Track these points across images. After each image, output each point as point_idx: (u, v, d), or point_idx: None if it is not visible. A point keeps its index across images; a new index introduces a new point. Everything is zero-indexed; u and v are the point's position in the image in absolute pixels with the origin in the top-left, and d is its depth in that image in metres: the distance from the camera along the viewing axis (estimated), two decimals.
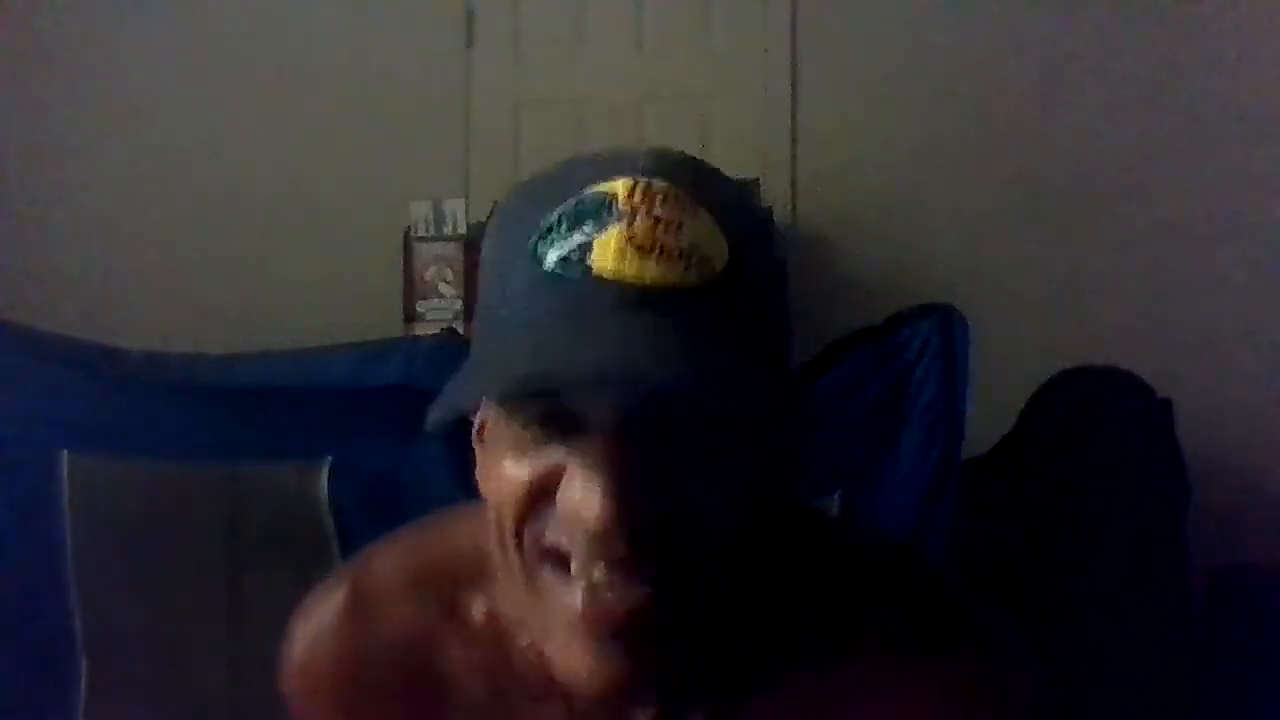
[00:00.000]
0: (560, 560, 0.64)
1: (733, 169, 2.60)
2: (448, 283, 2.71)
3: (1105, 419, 1.99)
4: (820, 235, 3.07)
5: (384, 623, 0.81)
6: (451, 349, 1.80)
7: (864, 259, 3.03)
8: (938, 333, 1.76)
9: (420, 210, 2.77)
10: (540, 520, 0.65)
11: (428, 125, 3.23)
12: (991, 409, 1.94)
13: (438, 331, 2.42)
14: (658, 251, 0.62)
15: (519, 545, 0.66)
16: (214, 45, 3.31)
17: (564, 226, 0.64)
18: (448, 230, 2.75)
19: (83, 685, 1.64)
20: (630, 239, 0.62)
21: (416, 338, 2.50)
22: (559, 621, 0.65)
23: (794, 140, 3.12)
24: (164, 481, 1.68)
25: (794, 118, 3.13)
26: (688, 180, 0.65)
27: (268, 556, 1.67)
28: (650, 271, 0.62)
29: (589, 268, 0.62)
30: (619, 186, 0.64)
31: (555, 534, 0.64)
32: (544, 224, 0.64)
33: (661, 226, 0.63)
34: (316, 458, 1.68)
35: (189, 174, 3.29)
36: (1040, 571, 1.88)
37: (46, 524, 1.65)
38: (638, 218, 0.63)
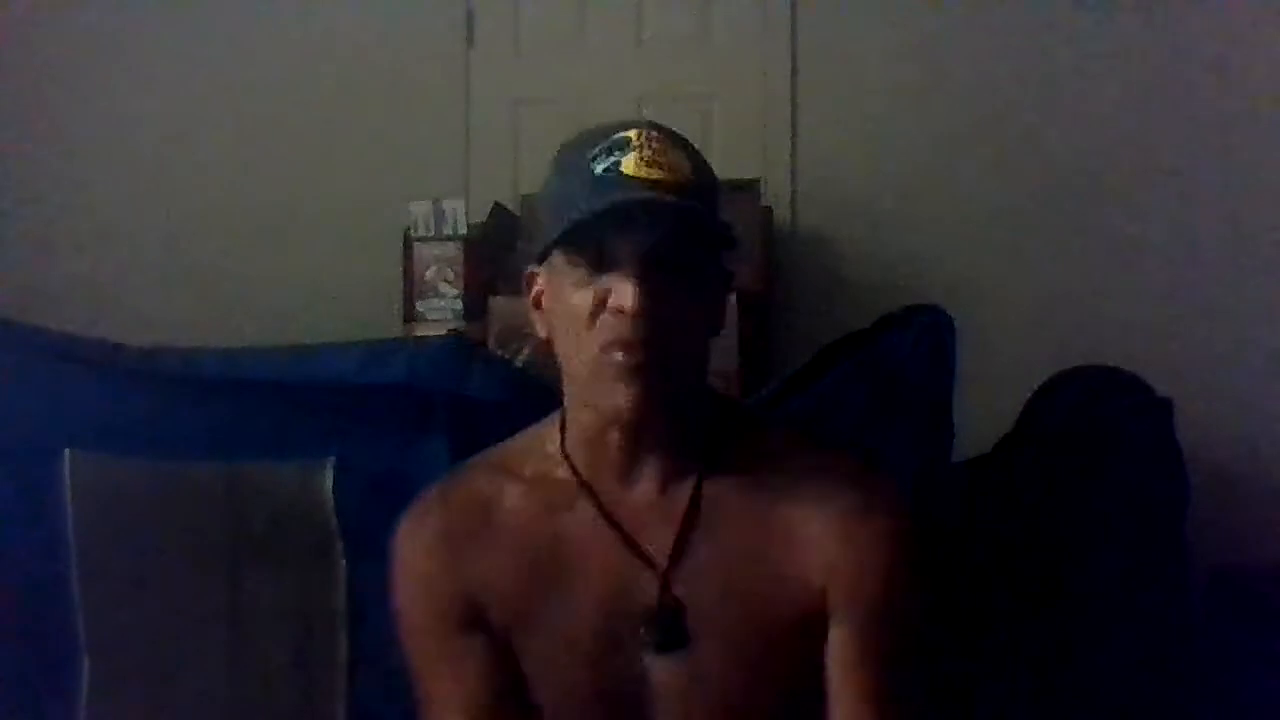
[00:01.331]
0: (612, 345, 1.11)
1: (733, 169, 2.61)
2: (448, 283, 2.71)
3: (1105, 419, 1.99)
4: (820, 235, 3.07)
5: (459, 493, 1.24)
6: (455, 349, 1.80)
7: (864, 259, 3.03)
8: (926, 334, 1.76)
9: (420, 210, 2.76)
10: (599, 325, 1.12)
11: (428, 125, 3.23)
12: (991, 409, 1.94)
13: (438, 332, 2.43)
14: (657, 165, 1.12)
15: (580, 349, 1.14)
16: (213, 45, 3.31)
17: (603, 153, 1.13)
18: (448, 230, 2.74)
19: (84, 684, 1.64)
20: (642, 158, 1.12)
21: (420, 337, 2.50)
22: (610, 377, 1.11)
23: (794, 140, 3.12)
24: (166, 479, 1.68)
25: (794, 118, 3.13)
26: (666, 133, 1.17)
27: (271, 555, 1.67)
28: (655, 174, 1.12)
29: (620, 171, 1.11)
30: (632, 132, 1.15)
31: (604, 331, 1.11)
32: (590, 153, 1.13)
33: (657, 153, 1.13)
34: (320, 456, 1.68)
35: (189, 174, 3.29)
36: (1040, 571, 1.88)
37: (48, 522, 1.65)
38: (644, 148, 1.13)
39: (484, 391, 1.69)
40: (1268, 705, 2.09)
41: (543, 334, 1.20)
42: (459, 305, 2.70)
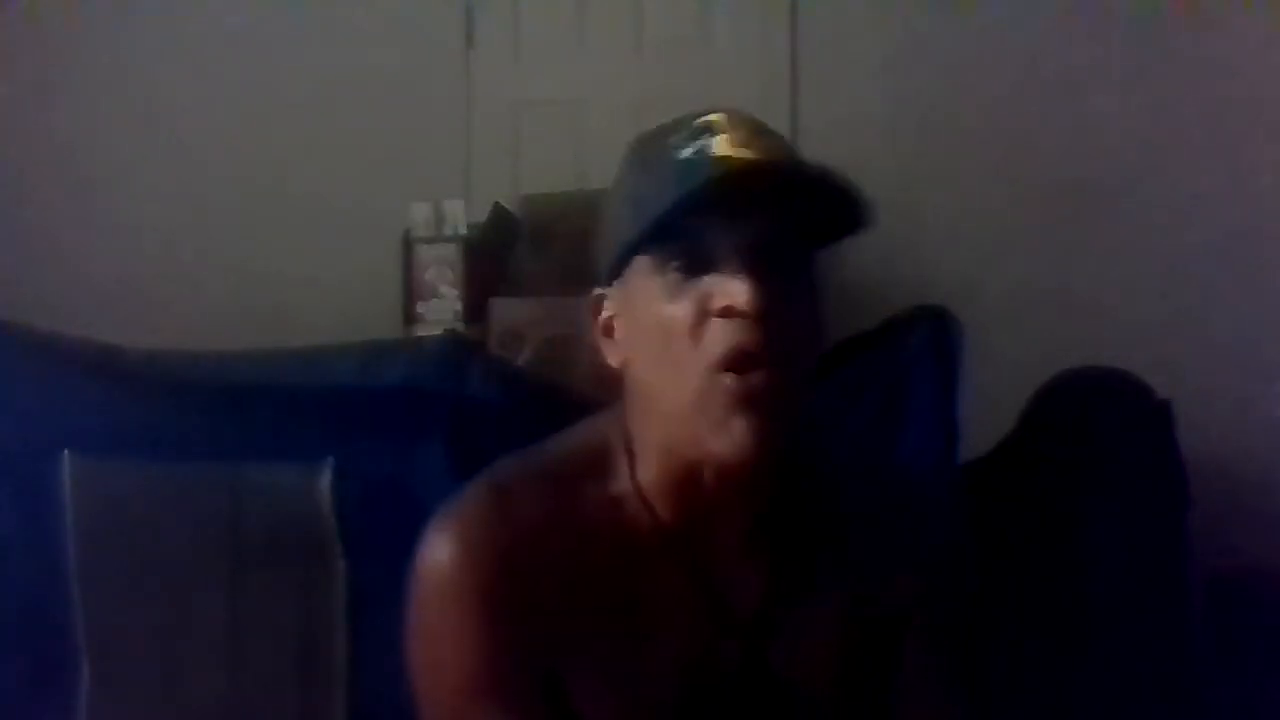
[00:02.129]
0: (720, 363, 0.93)
1: None
2: (448, 284, 2.71)
3: (1105, 420, 1.99)
4: None
5: (520, 510, 1.01)
6: (455, 351, 1.80)
7: (864, 259, 3.03)
8: (932, 336, 1.76)
9: (420, 211, 2.76)
10: (706, 337, 0.93)
11: (428, 125, 3.23)
12: (992, 411, 1.94)
13: (438, 333, 2.42)
14: (752, 146, 0.95)
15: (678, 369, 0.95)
16: (213, 45, 3.31)
17: (687, 139, 0.96)
18: (448, 231, 2.74)
19: (84, 686, 1.64)
20: (733, 140, 0.95)
21: (420, 339, 2.50)
22: (723, 408, 0.92)
23: (794, 140, 3.11)
24: (166, 482, 1.68)
25: (794, 118, 3.13)
26: (751, 119, 1.00)
27: (270, 558, 1.67)
28: (752, 153, 0.94)
29: (711, 155, 0.94)
30: (715, 116, 0.98)
31: (712, 344, 0.93)
32: (671, 140, 0.97)
33: (751, 133, 0.97)
34: (319, 458, 1.68)
35: (188, 174, 3.29)
36: (1040, 572, 1.88)
37: (48, 524, 1.65)
38: (734, 130, 0.96)
39: (484, 393, 1.69)
40: (1268, 707, 2.09)
41: (615, 364, 1.01)
42: (459, 307, 2.70)
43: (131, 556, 1.66)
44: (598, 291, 1.04)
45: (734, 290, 0.91)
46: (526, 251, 2.66)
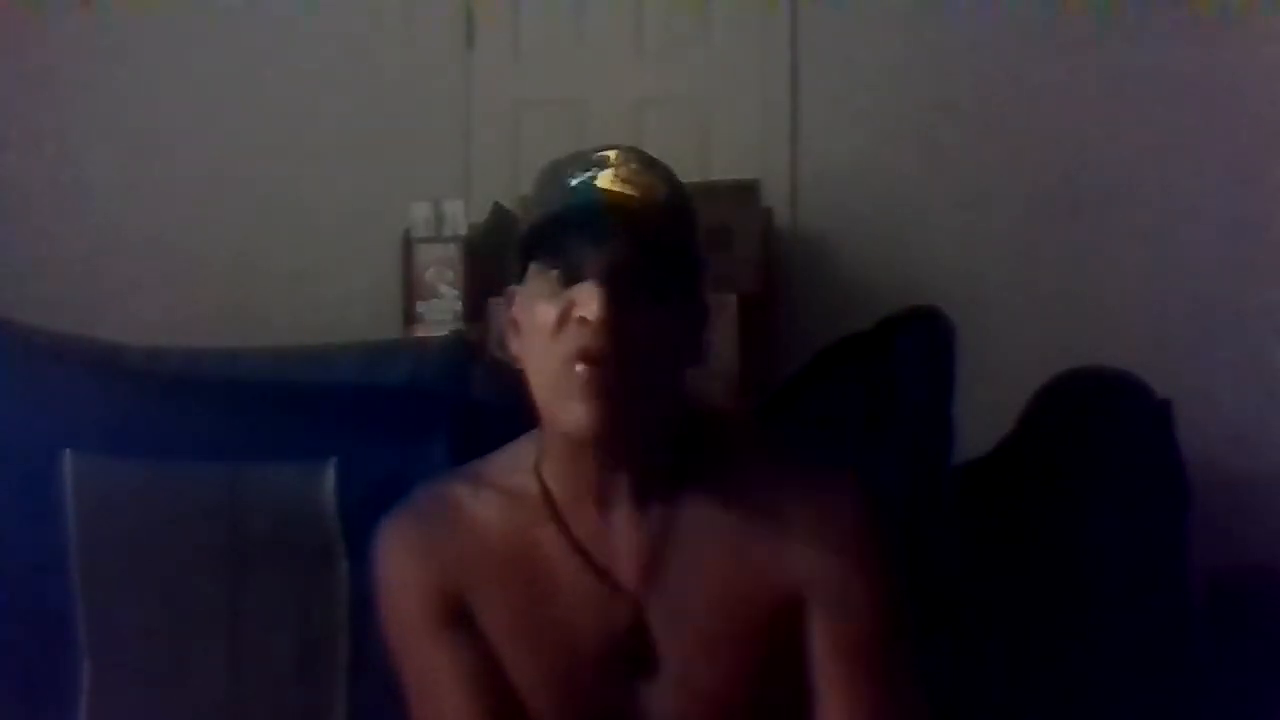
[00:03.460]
0: (575, 355, 1.09)
1: (733, 169, 2.62)
2: (448, 284, 2.71)
3: (1104, 420, 1.99)
4: (820, 235, 3.07)
5: (439, 501, 1.23)
6: (457, 351, 1.80)
7: (863, 259, 3.03)
8: (925, 337, 1.77)
9: (420, 211, 2.76)
10: (563, 336, 1.09)
11: (428, 125, 3.24)
12: (991, 411, 1.94)
13: (439, 333, 2.42)
14: (631, 183, 1.12)
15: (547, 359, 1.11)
16: (213, 46, 3.31)
17: (580, 169, 1.13)
18: (447, 231, 2.74)
19: (85, 685, 1.64)
20: (617, 175, 1.12)
21: (420, 339, 2.50)
22: (572, 393, 1.09)
23: (794, 140, 3.12)
24: (168, 481, 1.68)
25: (794, 118, 3.13)
26: (645, 158, 1.17)
27: (271, 557, 1.67)
28: (628, 190, 1.12)
29: (594, 185, 1.11)
30: (611, 152, 1.15)
31: (568, 341, 1.09)
32: (569, 169, 1.14)
33: (633, 172, 1.13)
34: (322, 458, 1.68)
35: (189, 174, 3.29)
36: (1040, 572, 1.88)
37: (49, 524, 1.65)
38: (621, 167, 1.13)
39: (485, 392, 1.69)
40: (1269, 707, 2.09)
41: (515, 352, 1.18)
42: (459, 306, 2.70)
43: (133, 556, 1.66)
44: (509, 289, 1.19)
45: (584, 300, 1.08)
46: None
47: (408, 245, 2.76)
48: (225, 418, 1.72)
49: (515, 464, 1.22)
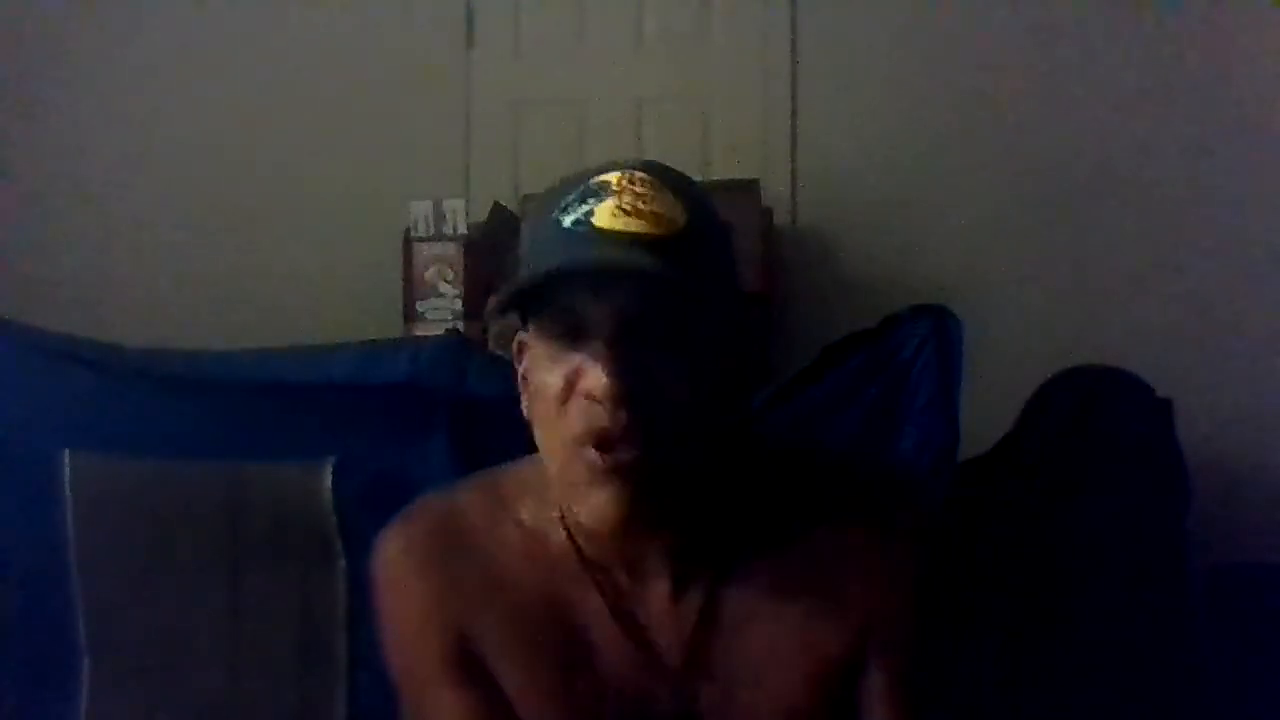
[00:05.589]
0: (585, 437, 0.91)
1: (733, 169, 2.61)
2: (448, 283, 2.71)
3: (1105, 419, 1.99)
4: (820, 235, 3.07)
5: (456, 519, 1.07)
6: (456, 349, 1.80)
7: (864, 259, 3.03)
8: (932, 334, 1.76)
9: (420, 210, 2.76)
10: (570, 412, 0.92)
11: (428, 125, 3.23)
12: (991, 409, 1.93)
13: (438, 331, 2.42)
14: (637, 214, 0.91)
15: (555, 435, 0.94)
16: (213, 45, 3.31)
17: (576, 201, 0.93)
18: (448, 230, 2.74)
19: (84, 685, 1.64)
20: (620, 205, 0.91)
21: (420, 337, 2.50)
22: (585, 479, 0.92)
23: (794, 140, 3.12)
24: (167, 480, 1.68)
25: (794, 118, 3.13)
26: (658, 172, 0.96)
27: (271, 555, 1.67)
28: (633, 226, 0.91)
29: (592, 224, 0.91)
30: (612, 175, 0.94)
31: (576, 422, 0.92)
32: (562, 202, 0.93)
33: (640, 199, 0.92)
34: (320, 456, 1.68)
35: (188, 173, 3.29)
36: (1040, 572, 1.88)
37: (48, 523, 1.65)
38: (624, 194, 0.92)
39: (484, 391, 1.69)
40: (1268, 706, 2.09)
41: (527, 416, 1.00)
42: (459, 305, 2.70)
43: (132, 555, 1.66)
44: (519, 337, 1.03)
45: (594, 377, 0.90)
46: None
47: (408, 244, 2.76)
48: (225, 417, 1.72)
49: (538, 495, 1.04)
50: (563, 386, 0.93)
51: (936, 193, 3.03)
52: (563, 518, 1.02)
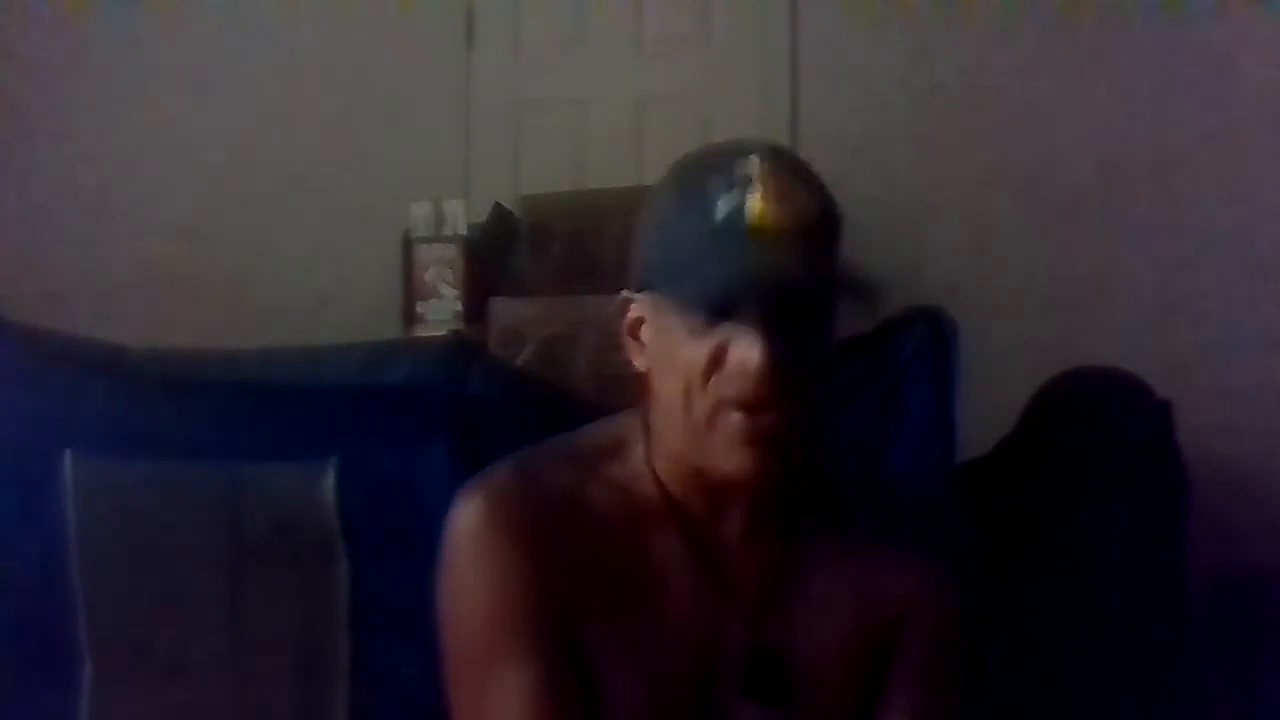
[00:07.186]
0: (727, 403, 1.01)
1: None
2: (448, 284, 2.71)
3: (1105, 420, 1.99)
4: None
5: (543, 483, 1.11)
6: (456, 351, 1.80)
7: (863, 258, 3.03)
8: (928, 338, 1.77)
9: (420, 211, 2.76)
10: (715, 384, 1.01)
11: (428, 125, 3.23)
12: (992, 411, 1.94)
13: (439, 333, 2.42)
14: (784, 208, 1.00)
15: (691, 405, 1.03)
16: (213, 45, 3.31)
17: (722, 188, 1.01)
18: (448, 231, 2.74)
19: (85, 686, 1.64)
20: (768, 194, 1.00)
21: (420, 339, 2.50)
22: (726, 441, 1.02)
23: (794, 140, 3.12)
24: (168, 481, 1.68)
25: (794, 118, 3.13)
26: (788, 158, 1.06)
27: (273, 557, 1.67)
28: (780, 220, 1.00)
29: (747, 220, 1.00)
30: (753, 164, 1.02)
31: (723, 388, 1.01)
32: (707, 190, 1.01)
33: (782, 193, 1.01)
34: (322, 458, 1.68)
35: (188, 174, 3.29)
36: (1040, 572, 1.88)
37: (49, 525, 1.65)
38: (768, 184, 1.01)
39: (486, 394, 1.69)
40: (1268, 708, 2.09)
41: (640, 367, 1.09)
42: (459, 306, 2.70)
43: (133, 557, 1.66)
44: (625, 294, 1.10)
45: (746, 355, 0.99)
46: (526, 251, 2.66)
47: (408, 245, 2.76)
48: (225, 418, 1.72)
49: (622, 453, 1.13)
50: (710, 359, 1.01)
51: (936, 193, 3.03)
52: (651, 467, 1.10)
